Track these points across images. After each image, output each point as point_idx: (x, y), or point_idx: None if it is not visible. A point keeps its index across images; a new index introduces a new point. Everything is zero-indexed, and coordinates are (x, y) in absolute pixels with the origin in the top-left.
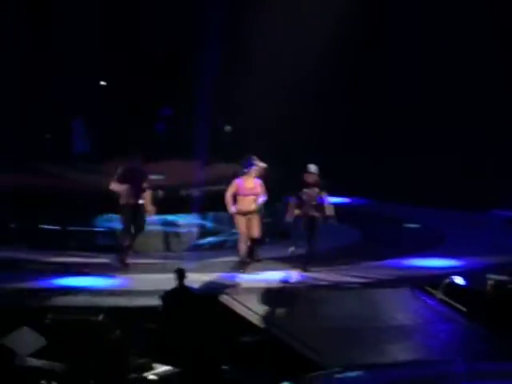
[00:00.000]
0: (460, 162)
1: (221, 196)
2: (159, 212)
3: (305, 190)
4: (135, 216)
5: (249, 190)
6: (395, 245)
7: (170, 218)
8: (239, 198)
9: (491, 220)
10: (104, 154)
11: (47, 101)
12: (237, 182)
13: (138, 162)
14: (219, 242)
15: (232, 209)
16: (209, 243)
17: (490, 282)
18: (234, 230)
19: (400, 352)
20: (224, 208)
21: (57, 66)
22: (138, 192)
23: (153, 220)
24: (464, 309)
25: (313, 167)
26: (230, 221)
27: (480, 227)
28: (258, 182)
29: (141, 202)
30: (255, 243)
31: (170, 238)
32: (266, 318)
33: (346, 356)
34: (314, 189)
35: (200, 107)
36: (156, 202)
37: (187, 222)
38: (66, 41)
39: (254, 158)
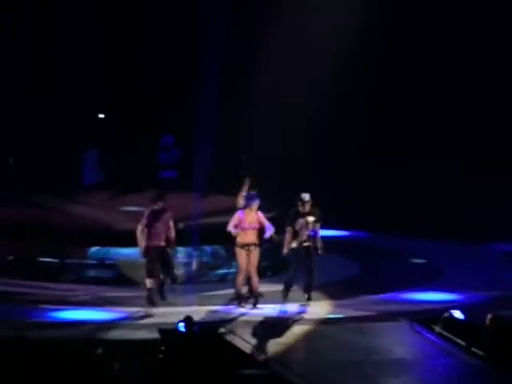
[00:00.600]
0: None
1: (217, 229)
2: None
3: (300, 219)
4: (160, 258)
5: (249, 223)
6: (393, 278)
7: None
8: (240, 230)
9: (489, 253)
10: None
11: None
12: (239, 214)
13: (161, 202)
14: (218, 275)
15: (232, 230)
16: (207, 276)
17: (489, 316)
18: (233, 263)
19: None
20: (221, 241)
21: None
22: (161, 234)
23: None
24: (463, 343)
25: (307, 196)
26: (228, 254)
27: (478, 260)
28: (260, 216)
29: (163, 244)
30: (254, 279)
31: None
32: (265, 351)
33: None
34: (307, 218)
35: (201, 137)
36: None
37: (185, 254)
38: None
39: (255, 194)
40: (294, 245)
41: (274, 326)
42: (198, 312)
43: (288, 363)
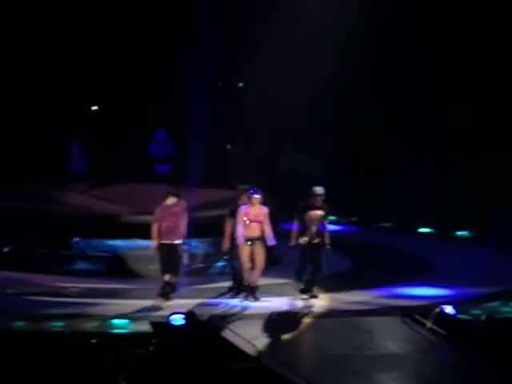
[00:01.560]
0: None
1: (211, 221)
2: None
3: (309, 211)
4: (170, 255)
5: (254, 216)
6: (385, 273)
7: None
8: (245, 224)
9: (480, 248)
10: (99, 176)
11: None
12: (243, 208)
13: (173, 197)
14: (213, 267)
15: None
16: (203, 269)
17: (483, 313)
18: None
19: (390, 380)
20: (215, 233)
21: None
22: (173, 230)
23: (145, 245)
24: (454, 338)
25: (320, 190)
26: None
27: (469, 256)
28: (265, 209)
29: (176, 241)
30: (256, 273)
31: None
32: (257, 345)
33: None
34: (317, 212)
35: (194, 129)
36: None
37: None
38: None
39: (257, 188)
40: (303, 240)
41: (266, 320)
42: (194, 305)
43: (279, 357)
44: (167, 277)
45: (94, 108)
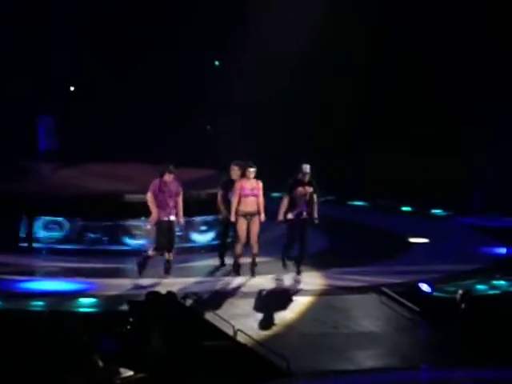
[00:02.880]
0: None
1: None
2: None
3: (299, 187)
4: (168, 232)
5: (250, 190)
6: (362, 251)
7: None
8: (241, 198)
9: (456, 227)
10: (73, 154)
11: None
12: (239, 183)
13: (171, 174)
14: (198, 246)
15: (233, 217)
16: (189, 247)
17: (459, 291)
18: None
19: (367, 359)
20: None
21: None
22: (170, 206)
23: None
24: (429, 316)
25: (307, 167)
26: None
27: (446, 234)
28: (260, 183)
29: (172, 218)
30: (255, 248)
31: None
32: (233, 324)
33: (313, 362)
34: (306, 187)
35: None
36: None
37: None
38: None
39: (251, 162)
40: (291, 216)
41: (245, 299)
42: (178, 284)
43: (256, 335)
44: (154, 253)
45: (72, 88)
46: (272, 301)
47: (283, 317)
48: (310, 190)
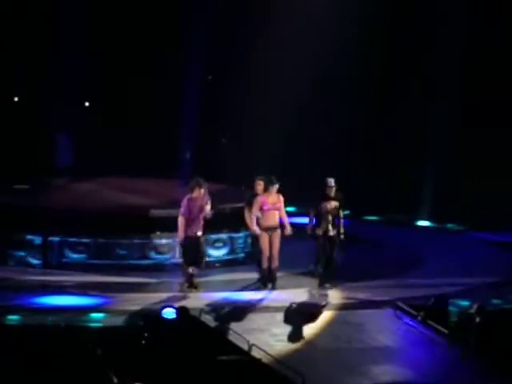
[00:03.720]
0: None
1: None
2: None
3: (324, 203)
4: (195, 249)
5: (271, 204)
6: (376, 266)
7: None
8: (263, 213)
9: (471, 242)
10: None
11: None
12: (260, 198)
13: (200, 190)
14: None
15: (256, 230)
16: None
17: (474, 305)
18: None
19: (381, 374)
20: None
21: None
22: (197, 224)
23: None
24: (446, 331)
25: (332, 181)
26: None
27: (461, 249)
28: (281, 197)
29: (199, 233)
30: (275, 263)
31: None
32: (248, 338)
33: (328, 377)
34: (332, 202)
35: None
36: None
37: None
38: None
39: (273, 177)
40: (320, 232)
41: (261, 314)
42: (194, 298)
43: (270, 350)
44: (191, 269)
45: (86, 104)
46: (287, 315)
47: (298, 332)
48: (335, 204)
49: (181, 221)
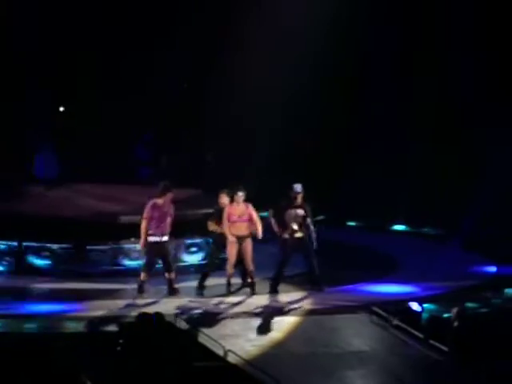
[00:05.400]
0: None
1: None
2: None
3: (290, 210)
4: (160, 254)
5: (238, 216)
6: (353, 271)
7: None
8: (230, 224)
9: (447, 247)
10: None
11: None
12: (227, 208)
13: (165, 196)
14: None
15: (230, 238)
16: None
17: (453, 309)
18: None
19: (357, 378)
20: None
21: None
22: (162, 228)
23: None
24: (420, 335)
25: (298, 187)
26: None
27: (436, 254)
28: (249, 206)
29: (165, 239)
30: (251, 269)
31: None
32: (224, 344)
33: (304, 382)
34: (297, 210)
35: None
36: None
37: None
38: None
39: (240, 187)
40: (286, 236)
41: (236, 319)
42: (169, 304)
43: (246, 356)
44: (145, 275)
45: (61, 109)
46: (262, 321)
47: (274, 337)
48: (301, 213)
49: (142, 223)
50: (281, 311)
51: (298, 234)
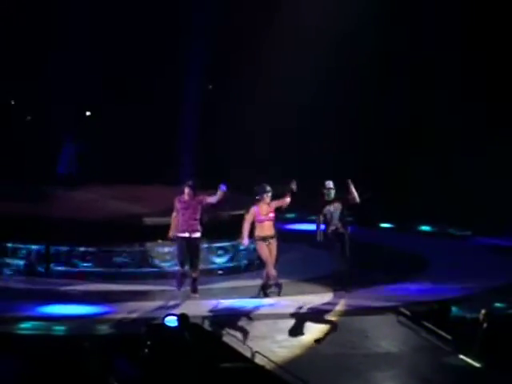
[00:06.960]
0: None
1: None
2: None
3: (327, 207)
4: (188, 249)
5: (264, 215)
6: (380, 271)
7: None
8: (257, 224)
9: (476, 247)
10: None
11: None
12: (254, 208)
13: (191, 191)
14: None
15: (245, 241)
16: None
17: (482, 311)
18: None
19: (385, 380)
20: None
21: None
22: (189, 223)
23: None
24: (449, 337)
25: (330, 183)
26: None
27: (466, 254)
28: (272, 204)
29: (195, 235)
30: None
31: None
32: (251, 346)
33: (331, 383)
34: (335, 205)
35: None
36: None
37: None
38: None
39: (266, 185)
40: (329, 231)
41: (264, 321)
42: (196, 305)
43: (274, 357)
44: (181, 269)
45: (88, 114)
46: (290, 322)
47: (301, 338)
48: (338, 206)
49: (172, 218)
50: (308, 313)
51: (341, 230)
